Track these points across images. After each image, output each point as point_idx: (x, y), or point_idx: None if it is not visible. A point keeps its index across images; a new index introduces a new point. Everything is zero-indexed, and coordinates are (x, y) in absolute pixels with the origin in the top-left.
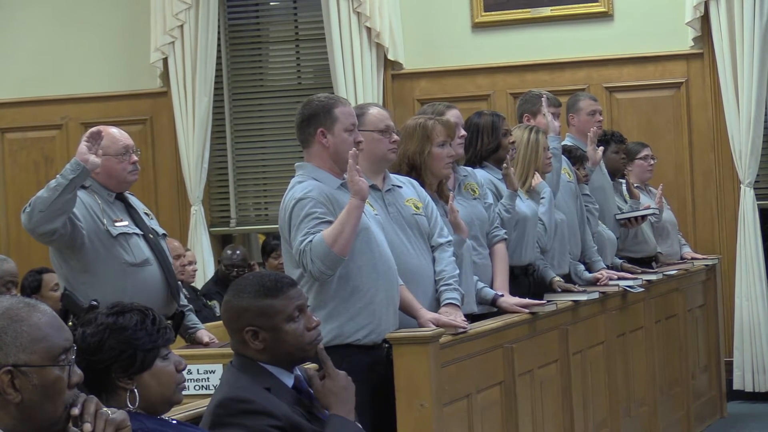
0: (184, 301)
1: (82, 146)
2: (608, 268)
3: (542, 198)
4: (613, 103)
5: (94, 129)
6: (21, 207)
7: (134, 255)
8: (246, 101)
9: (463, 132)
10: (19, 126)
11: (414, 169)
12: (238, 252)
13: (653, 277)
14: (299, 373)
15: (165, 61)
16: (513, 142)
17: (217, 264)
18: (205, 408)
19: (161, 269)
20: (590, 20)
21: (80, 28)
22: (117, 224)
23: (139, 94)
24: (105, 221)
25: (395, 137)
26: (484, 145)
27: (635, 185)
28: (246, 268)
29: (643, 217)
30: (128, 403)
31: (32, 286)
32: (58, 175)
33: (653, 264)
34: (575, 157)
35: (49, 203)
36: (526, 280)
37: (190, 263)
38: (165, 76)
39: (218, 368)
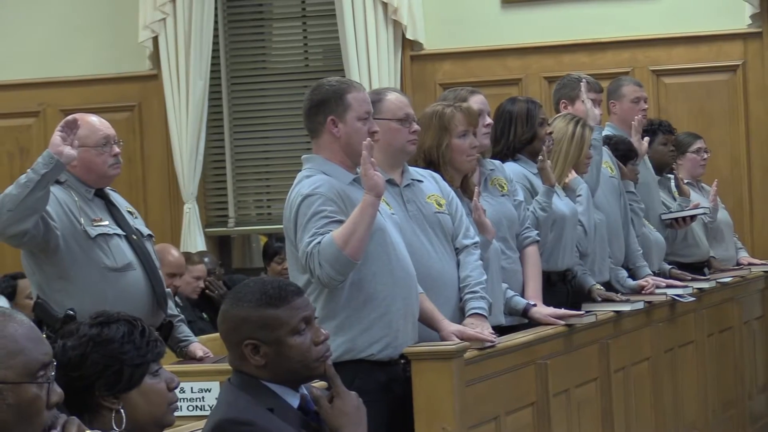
0: (173, 310)
1: (56, 137)
2: (655, 274)
3: (578, 196)
4: (660, 88)
5: (69, 117)
6: None
7: (115, 258)
8: (246, 85)
9: (488, 120)
10: None
11: (432, 164)
12: (206, 259)
13: (705, 285)
14: (305, 392)
15: (155, 40)
16: (550, 133)
17: None
18: (200, 431)
19: (146, 274)
20: None
21: (60, 4)
22: (96, 224)
23: (126, 77)
24: (82, 221)
25: (415, 127)
26: (518, 135)
27: (686, 181)
28: (216, 272)
29: (693, 217)
30: (114, 424)
31: (6, 293)
32: (29, 170)
33: (705, 270)
34: (625, 150)
35: (18, 201)
36: (564, 288)
37: (198, 278)
38: (155, 57)
39: (214, 386)
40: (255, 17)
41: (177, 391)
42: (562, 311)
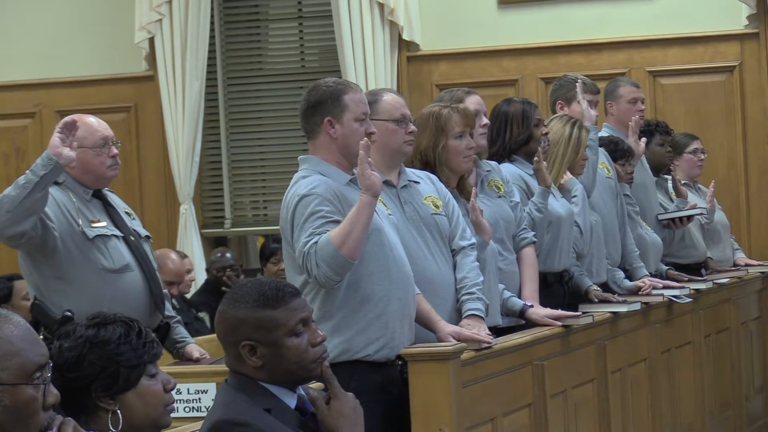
0: (170, 312)
1: (55, 138)
2: (652, 275)
3: (574, 197)
4: (657, 89)
5: (68, 118)
6: None
7: (113, 260)
8: (242, 86)
9: (485, 121)
10: None
11: (428, 165)
12: (228, 254)
13: (702, 286)
14: (302, 392)
15: (151, 41)
16: (546, 134)
17: (207, 271)
18: None
19: (144, 276)
20: None
21: (56, 6)
22: (94, 225)
23: (122, 78)
24: (80, 222)
25: (412, 127)
26: (514, 136)
27: (683, 182)
28: (238, 270)
29: (690, 217)
30: (110, 426)
31: (2, 295)
32: (27, 171)
33: (702, 271)
34: (621, 151)
35: (17, 202)
36: (561, 289)
37: (188, 271)
38: (151, 58)
39: (211, 387)
40: (251, 18)
41: (174, 392)
42: (559, 312)
